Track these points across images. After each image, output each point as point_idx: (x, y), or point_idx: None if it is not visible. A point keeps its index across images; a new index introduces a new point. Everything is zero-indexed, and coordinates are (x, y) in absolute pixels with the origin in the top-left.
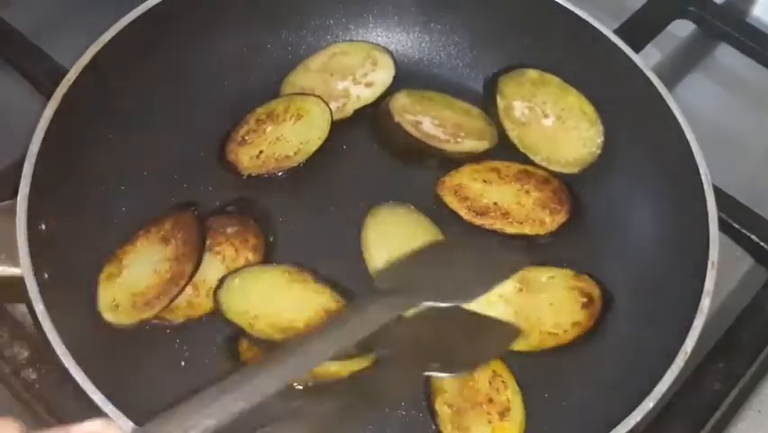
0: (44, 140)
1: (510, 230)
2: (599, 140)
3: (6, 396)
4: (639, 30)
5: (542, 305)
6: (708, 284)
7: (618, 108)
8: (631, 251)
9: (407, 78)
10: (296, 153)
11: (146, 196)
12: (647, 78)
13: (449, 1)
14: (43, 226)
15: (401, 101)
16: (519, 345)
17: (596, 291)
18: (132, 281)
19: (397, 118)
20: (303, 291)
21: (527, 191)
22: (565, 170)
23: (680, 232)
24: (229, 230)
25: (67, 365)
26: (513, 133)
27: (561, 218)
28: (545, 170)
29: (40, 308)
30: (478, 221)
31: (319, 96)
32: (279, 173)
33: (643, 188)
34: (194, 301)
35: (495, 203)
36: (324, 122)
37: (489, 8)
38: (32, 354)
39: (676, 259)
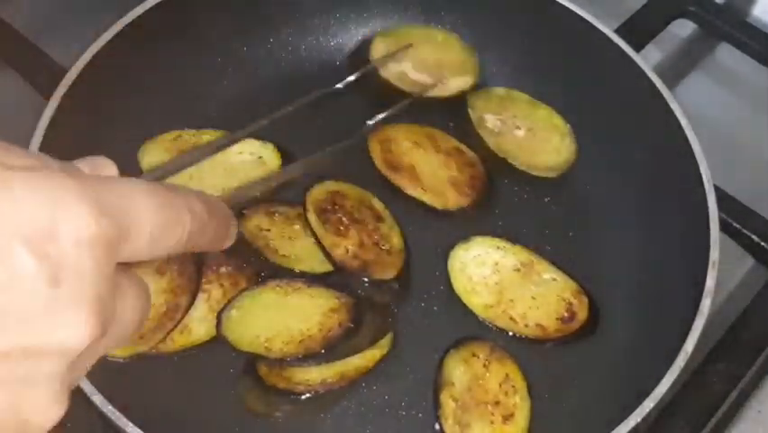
0: (44, 140)
1: (411, 192)
2: (573, 149)
3: None
4: (639, 29)
5: (525, 293)
6: (709, 284)
7: (618, 108)
8: (631, 250)
9: None
10: (294, 261)
11: None
12: (648, 78)
13: (449, 1)
14: None
15: (378, 47)
16: (478, 309)
17: (581, 315)
18: None
19: (382, 73)
20: (301, 300)
21: (448, 166)
22: (544, 174)
23: (680, 232)
24: (222, 270)
25: None
26: (490, 141)
27: (463, 201)
28: (479, 153)
29: None
30: (385, 172)
31: None
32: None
33: (643, 187)
34: (184, 331)
35: (412, 165)
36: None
37: (489, 7)
38: None
39: (676, 259)
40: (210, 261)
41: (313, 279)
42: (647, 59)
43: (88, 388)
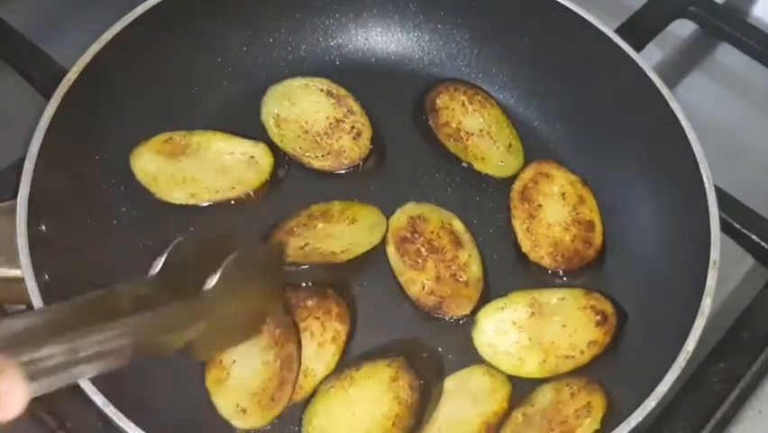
0: (44, 140)
1: (515, 224)
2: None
3: None
4: (640, 29)
5: (555, 328)
6: (709, 284)
7: (619, 108)
8: (632, 251)
9: (407, 77)
10: (342, 252)
11: (148, 197)
12: (648, 78)
13: (449, 0)
14: (43, 227)
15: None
16: (536, 372)
17: (609, 308)
18: (246, 381)
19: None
20: (362, 388)
21: (569, 228)
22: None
23: (681, 232)
24: (309, 303)
25: None
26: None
27: (548, 263)
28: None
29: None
30: (515, 197)
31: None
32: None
33: (644, 188)
34: (308, 374)
35: (540, 205)
36: (378, 231)
37: (489, 7)
38: None
39: (677, 259)
40: (294, 300)
41: (353, 361)
42: (647, 59)
43: (89, 388)
